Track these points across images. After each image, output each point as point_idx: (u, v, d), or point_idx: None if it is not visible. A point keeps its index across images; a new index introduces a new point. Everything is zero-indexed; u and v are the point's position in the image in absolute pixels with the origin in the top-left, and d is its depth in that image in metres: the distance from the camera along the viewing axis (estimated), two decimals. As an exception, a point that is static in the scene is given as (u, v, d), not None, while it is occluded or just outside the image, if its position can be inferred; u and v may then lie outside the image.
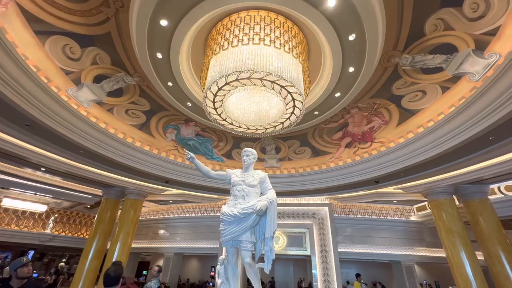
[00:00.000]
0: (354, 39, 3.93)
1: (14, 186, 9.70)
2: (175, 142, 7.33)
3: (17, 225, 12.45)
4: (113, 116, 6.01)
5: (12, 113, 4.41)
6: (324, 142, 7.28)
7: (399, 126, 6.00)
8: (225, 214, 3.00)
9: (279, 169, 8.40)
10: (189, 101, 5.78)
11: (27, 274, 2.65)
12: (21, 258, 2.75)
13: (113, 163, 6.69)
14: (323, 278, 8.83)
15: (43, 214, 13.22)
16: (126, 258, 8.03)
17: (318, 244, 9.39)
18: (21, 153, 6.11)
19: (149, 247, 12.37)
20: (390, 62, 4.54)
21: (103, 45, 4.47)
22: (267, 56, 3.48)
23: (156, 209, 12.99)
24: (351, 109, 5.94)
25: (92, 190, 9.84)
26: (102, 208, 8.53)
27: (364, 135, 6.61)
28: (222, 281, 3.03)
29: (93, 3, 3.78)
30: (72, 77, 4.84)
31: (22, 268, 2.62)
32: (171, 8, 3.63)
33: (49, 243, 13.35)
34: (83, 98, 5.22)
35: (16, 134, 5.25)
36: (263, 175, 3.27)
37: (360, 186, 7.84)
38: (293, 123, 4.39)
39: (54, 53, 4.35)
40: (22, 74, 3.99)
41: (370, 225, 10.05)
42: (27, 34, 3.90)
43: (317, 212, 9.93)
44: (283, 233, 9.93)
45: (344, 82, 4.93)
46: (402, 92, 5.22)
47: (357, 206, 10.35)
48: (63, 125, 5.08)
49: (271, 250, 2.86)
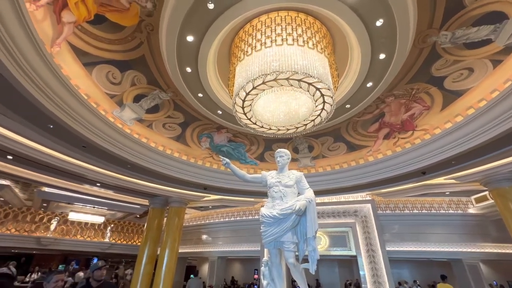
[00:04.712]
0: (382, 24, 3.72)
1: (77, 201, 11.10)
2: (209, 150, 7.64)
3: (81, 235, 14.07)
4: (152, 131, 6.50)
5: (71, 137, 5.04)
6: (359, 135, 6.94)
7: (444, 110, 5.45)
8: (265, 215, 3.04)
9: (313, 167, 8.21)
10: (219, 109, 6.01)
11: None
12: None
13: (156, 174, 7.21)
14: (372, 279, 8.33)
15: (102, 225, 14.76)
16: (174, 263, 8.55)
17: (364, 243, 8.90)
18: (80, 171, 6.98)
19: (194, 252, 12.98)
20: (426, 42, 4.18)
21: (139, 67, 4.90)
22: (291, 56, 3.47)
23: (197, 215, 13.62)
24: (386, 98, 5.58)
25: (140, 201, 10.70)
26: (150, 217, 9.22)
27: (403, 124, 6.15)
28: (268, 282, 3.06)
29: (128, 31, 4.18)
30: (116, 99, 5.38)
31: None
32: (195, 23, 3.84)
33: (108, 250, 14.82)
34: (126, 117, 5.75)
35: (75, 155, 6.00)
36: (298, 175, 3.24)
37: (405, 179, 7.26)
38: (324, 120, 4.28)
39: (100, 80, 4.88)
40: (76, 102, 4.54)
41: (420, 220, 9.21)
42: (77, 67, 4.45)
43: (359, 210, 9.44)
44: (324, 233, 9.63)
45: (376, 71, 4.67)
46: (443, 72, 4.76)
47: (404, 200, 9.59)
48: (112, 144, 5.64)
49: (314, 250, 2.81)
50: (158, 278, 8.08)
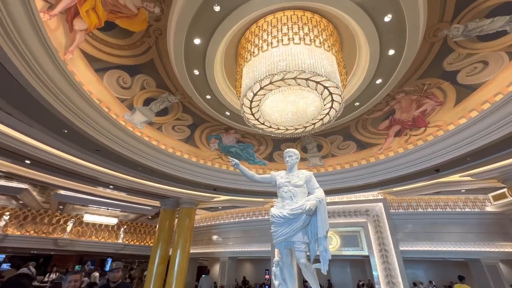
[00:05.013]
0: (391, 19, 3.65)
1: (91, 203, 11.41)
2: (218, 151, 7.70)
3: (96, 236, 14.45)
4: (162, 133, 6.61)
5: (85, 141, 5.19)
6: (369, 133, 6.82)
7: (458, 105, 5.29)
8: (275, 215, 3.04)
9: (323, 167, 8.14)
10: (227, 111, 6.04)
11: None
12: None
13: (166, 175, 7.32)
14: (385, 279, 8.16)
15: (115, 226, 15.11)
16: (186, 263, 8.66)
17: (376, 243, 8.74)
18: (93, 174, 7.19)
19: (205, 252, 13.09)
20: (437, 36, 4.07)
21: (148, 71, 5.00)
22: (298, 55, 3.46)
23: (208, 216, 13.74)
24: (397, 94, 5.47)
25: (151, 202, 10.90)
26: (161, 218, 9.38)
27: (415, 121, 6.00)
28: (279, 282, 3.05)
29: (137, 36, 4.27)
30: (126, 103, 5.50)
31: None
32: (202, 26, 3.88)
33: (122, 251, 15.15)
34: (136, 120, 5.87)
35: (88, 158, 6.18)
36: (308, 174, 3.23)
37: (417, 177, 7.09)
38: (333, 118, 4.23)
39: (111, 85, 5.01)
40: (89, 107, 4.68)
41: (435, 219, 8.96)
42: (89, 73, 4.58)
43: (370, 209, 9.28)
44: (335, 233, 9.52)
45: (385, 67, 4.58)
46: (456, 67, 4.62)
47: (417, 199, 9.35)
48: (124, 147, 5.77)
49: (326, 250, 2.79)
50: (171, 278, 8.21)
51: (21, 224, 12.25)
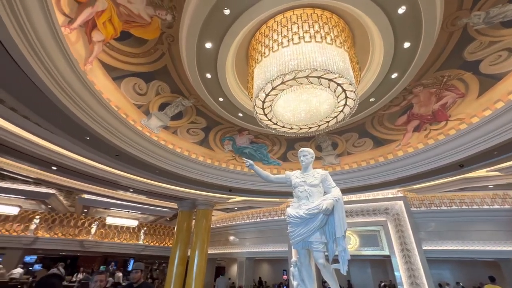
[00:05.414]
0: (405, 11, 3.53)
1: (113, 206, 11.89)
2: (232, 152, 7.76)
3: (118, 238, 15.02)
4: (177, 137, 6.77)
5: (105, 146, 5.42)
6: (386, 129, 6.62)
7: (481, 96, 5.02)
8: (291, 216, 3.02)
9: (338, 165, 7.98)
10: (240, 112, 6.09)
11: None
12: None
13: (182, 178, 7.48)
14: (409, 280, 7.87)
15: (136, 228, 15.65)
16: (205, 263, 8.80)
17: (397, 243, 8.45)
18: (114, 178, 7.49)
19: (223, 253, 13.24)
20: (455, 25, 3.88)
21: (162, 77, 5.14)
22: (309, 53, 3.43)
23: (224, 216, 13.88)
24: (414, 88, 5.27)
25: (169, 204, 11.18)
26: (179, 220, 9.59)
27: (435, 115, 5.75)
28: (298, 283, 3.03)
29: (150, 44, 4.42)
30: (143, 109, 5.68)
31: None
32: (212, 30, 3.94)
33: (143, 252, 15.66)
34: (153, 125, 6.05)
35: (109, 163, 6.45)
36: (323, 174, 3.18)
37: (440, 174, 6.77)
38: (348, 115, 4.15)
39: (128, 92, 5.20)
40: (109, 114, 4.88)
41: (460, 217, 8.51)
42: (107, 81, 4.78)
43: (390, 207, 8.98)
44: (353, 232, 9.30)
45: (400, 61, 4.44)
46: (478, 56, 4.39)
47: (440, 196, 8.94)
48: (142, 151, 5.97)
49: (344, 250, 2.74)
50: (190, 278, 8.37)
51: (50, 227, 13.00)
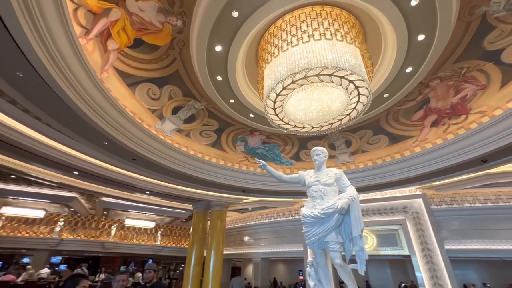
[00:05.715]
0: (418, 2, 3.41)
1: (131, 209, 12.28)
2: (244, 153, 7.80)
3: (137, 239, 15.49)
4: (191, 139, 6.90)
5: (122, 151, 5.61)
6: (402, 125, 6.42)
7: (504, 87, 4.76)
8: (306, 215, 3.00)
9: (353, 163, 7.82)
10: (251, 113, 6.12)
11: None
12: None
13: (196, 179, 7.60)
14: (431, 281, 7.58)
15: (153, 230, 16.08)
16: (221, 264, 8.90)
17: (417, 242, 8.16)
18: (131, 181, 7.74)
19: (238, 253, 13.33)
20: (473, 14, 3.71)
21: (174, 81, 5.26)
22: (319, 51, 3.39)
23: (238, 217, 13.98)
24: (430, 81, 5.08)
25: (184, 206, 11.40)
26: (195, 221, 9.75)
27: (454, 108, 5.51)
28: (315, 283, 3.00)
29: (162, 50, 4.53)
30: (157, 114, 5.84)
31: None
32: (222, 33, 3.99)
33: (160, 253, 16.05)
34: (166, 129, 6.20)
35: (126, 167, 6.67)
36: (338, 172, 3.14)
37: (461, 170, 6.46)
38: (361, 112, 4.06)
39: (142, 98, 5.36)
40: (125, 120, 5.05)
41: (485, 215, 8.10)
42: (122, 88, 4.95)
43: (408, 206, 8.70)
44: (370, 231, 9.08)
45: (415, 54, 4.30)
46: (499, 45, 4.17)
47: (462, 193, 8.56)
48: (157, 154, 6.13)
49: (362, 249, 2.69)
50: (207, 279, 8.49)
51: (73, 229, 13.62)
